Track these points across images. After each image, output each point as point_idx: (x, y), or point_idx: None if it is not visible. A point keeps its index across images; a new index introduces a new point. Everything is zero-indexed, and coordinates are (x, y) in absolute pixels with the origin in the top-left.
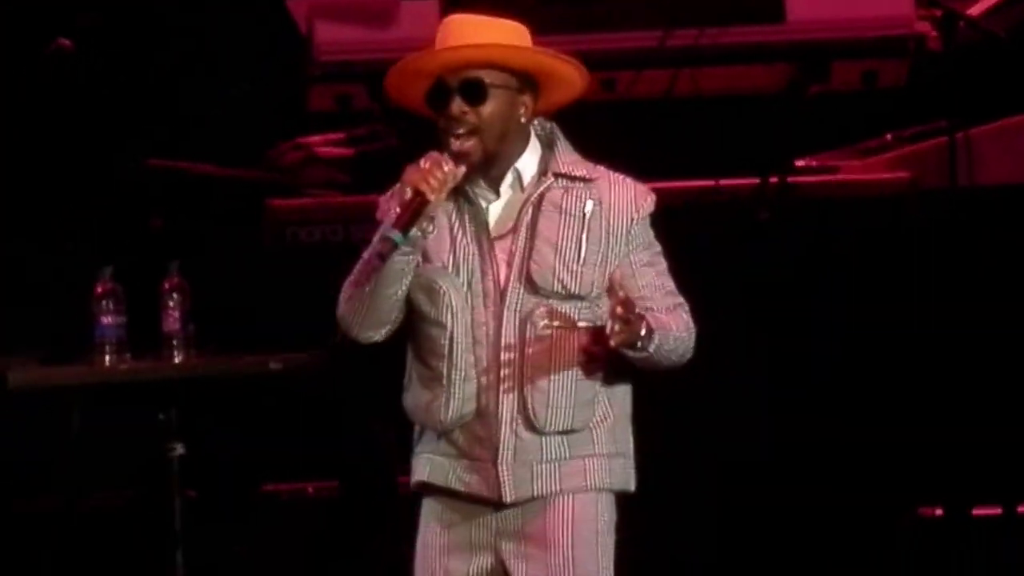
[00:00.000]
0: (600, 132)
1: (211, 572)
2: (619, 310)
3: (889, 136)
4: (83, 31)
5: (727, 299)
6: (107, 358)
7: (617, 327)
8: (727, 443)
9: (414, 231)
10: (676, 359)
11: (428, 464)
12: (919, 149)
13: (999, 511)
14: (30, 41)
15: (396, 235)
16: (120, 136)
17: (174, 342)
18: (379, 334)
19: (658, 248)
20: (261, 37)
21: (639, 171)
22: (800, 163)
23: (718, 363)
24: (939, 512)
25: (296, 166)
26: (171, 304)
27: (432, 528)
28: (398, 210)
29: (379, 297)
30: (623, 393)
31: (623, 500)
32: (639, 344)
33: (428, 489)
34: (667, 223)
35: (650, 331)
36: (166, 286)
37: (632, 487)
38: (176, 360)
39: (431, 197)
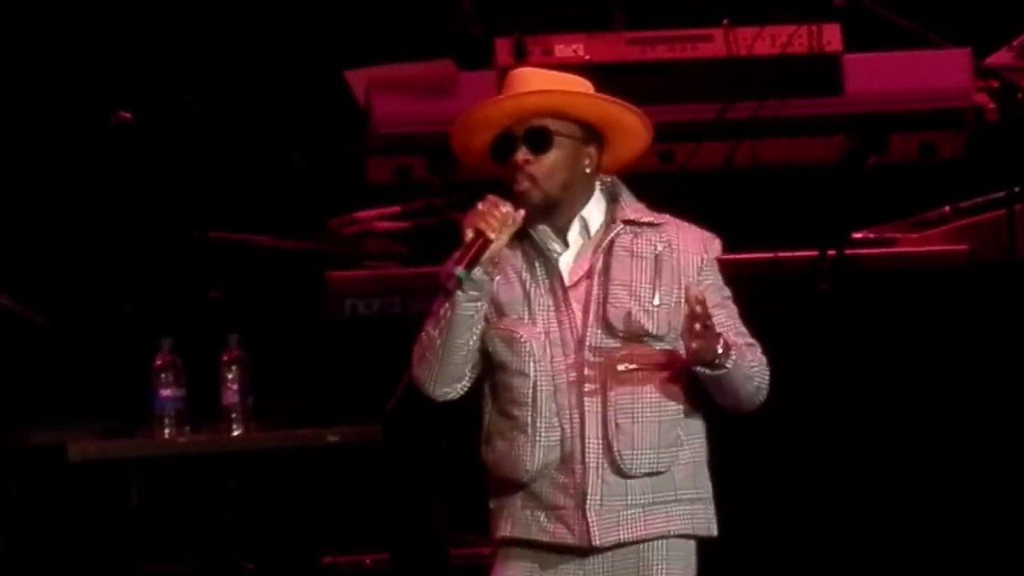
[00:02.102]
0: (659, 204)
1: None
2: (698, 310)
3: (947, 208)
4: (140, 102)
5: (786, 370)
6: (166, 431)
7: (697, 327)
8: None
9: (478, 272)
10: (752, 391)
11: (510, 519)
12: (978, 221)
13: None
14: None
15: (460, 271)
16: (180, 207)
17: (233, 414)
18: (454, 390)
19: (728, 293)
20: (320, 108)
21: None
22: (858, 235)
23: (778, 432)
24: None
25: (354, 239)
26: (230, 376)
27: None
28: (459, 252)
29: (451, 349)
30: (700, 438)
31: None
32: (716, 360)
33: (509, 544)
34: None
35: (727, 347)
36: (225, 358)
37: (714, 532)
38: (235, 432)
39: (491, 236)
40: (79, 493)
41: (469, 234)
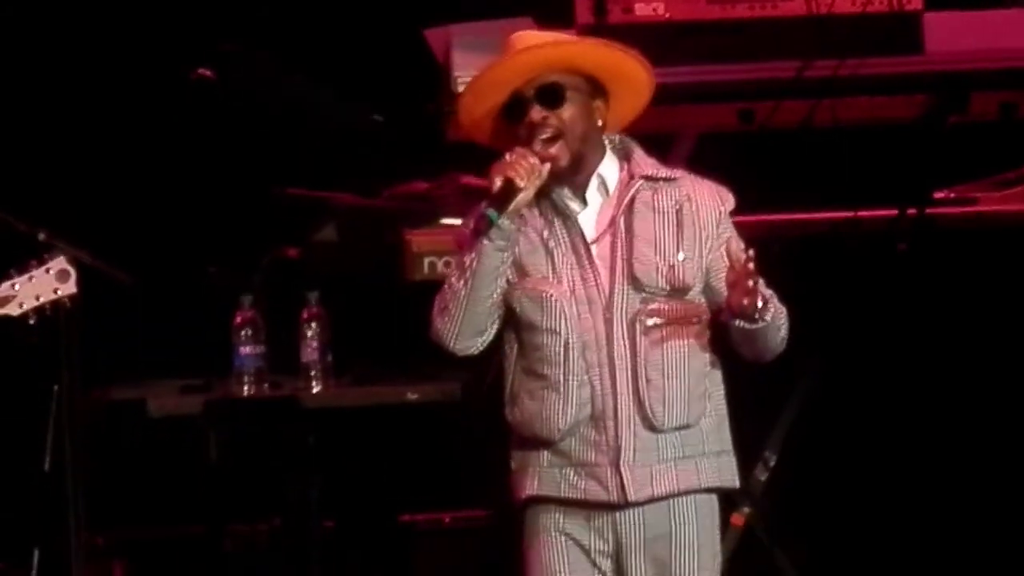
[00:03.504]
0: (739, 163)
1: None
2: (751, 267)
3: None
4: (223, 59)
5: (865, 329)
6: (245, 387)
7: (750, 283)
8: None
9: (507, 222)
10: (780, 342)
11: (536, 477)
12: None
13: None
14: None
15: (491, 211)
16: (261, 165)
17: (312, 372)
18: (475, 344)
19: (743, 243)
20: (401, 67)
21: (778, 202)
22: (939, 195)
23: (856, 391)
24: None
25: (440, 195)
26: (309, 334)
27: (548, 539)
28: (487, 201)
29: (476, 299)
30: (722, 391)
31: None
32: (757, 314)
33: (536, 501)
34: (807, 253)
35: (765, 300)
36: (305, 316)
37: (738, 484)
38: (315, 390)
39: (520, 184)
40: (160, 448)
41: (498, 182)
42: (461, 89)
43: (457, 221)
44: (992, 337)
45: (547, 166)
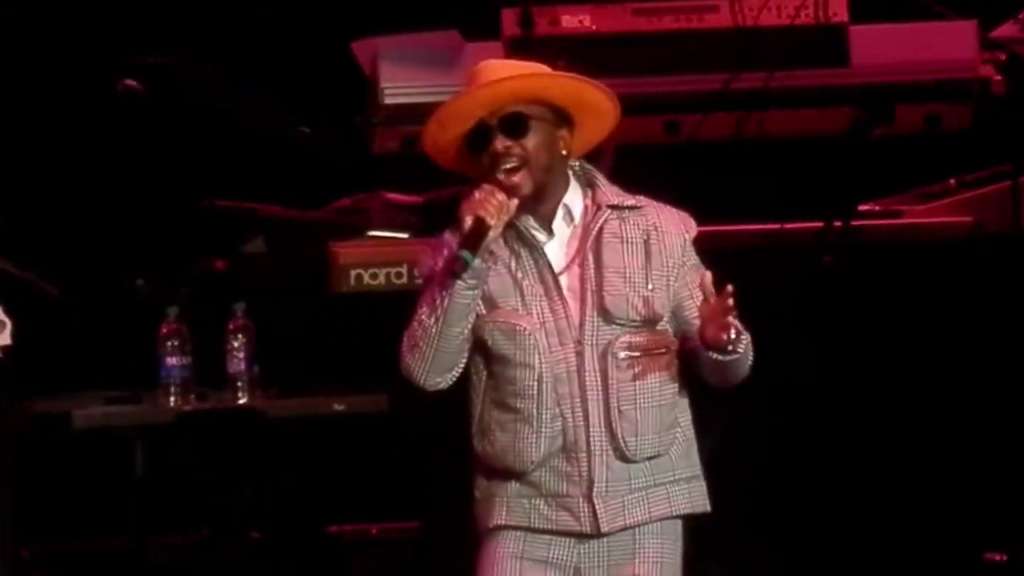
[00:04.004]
0: (665, 175)
1: None
2: (728, 302)
3: (952, 180)
4: (150, 72)
5: (792, 342)
6: (172, 399)
7: (727, 318)
8: (786, 476)
9: (479, 261)
10: (746, 370)
11: (504, 507)
12: (983, 193)
13: None
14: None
15: (466, 254)
16: (188, 176)
17: (239, 383)
18: (445, 380)
19: (705, 269)
20: (325, 80)
21: (703, 214)
22: (864, 207)
23: (781, 404)
24: (1004, 558)
25: (362, 210)
26: (236, 345)
27: (504, 561)
28: (459, 238)
29: (446, 338)
30: (689, 417)
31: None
32: (731, 346)
33: (504, 530)
34: (732, 266)
35: (739, 331)
36: (231, 327)
37: (708, 508)
38: (241, 401)
39: (491, 222)
40: (84, 461)
41: (468, 221)
42: (388, 101)
43: (383, 234)
44: (917, 347)
45: (515, 202)
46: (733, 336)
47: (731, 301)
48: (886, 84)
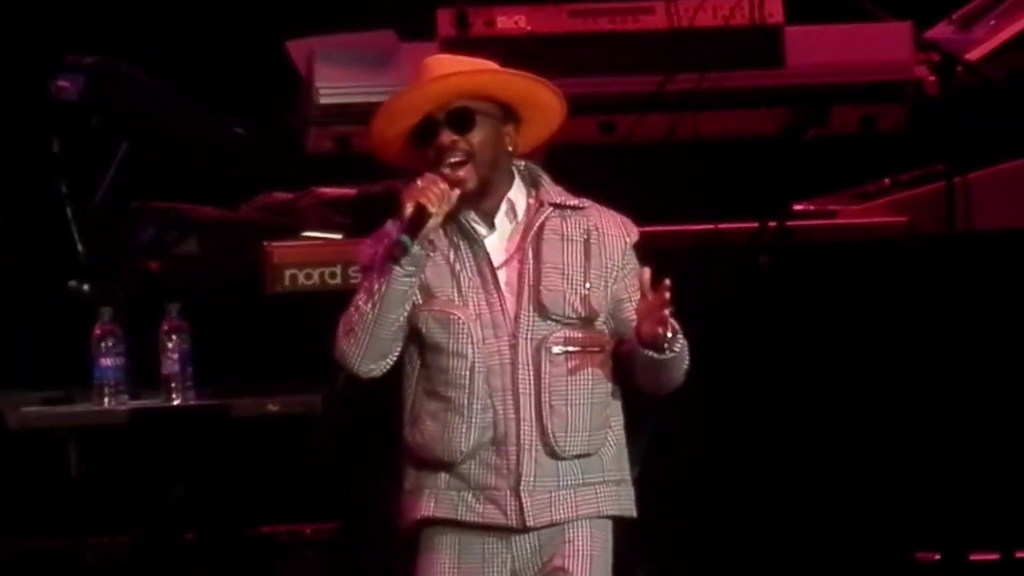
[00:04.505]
0: (600, 175)
1: None
2: (665, 297)
3: (887, 180)
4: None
5: (726, 343)
6: (106, 399)
7: (663, 314)
8: (720, 485)
9: (417, 248)
10: (682, 375)
11: (432, 499)
12: (917, 194)
13: (997, 557)
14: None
15: (405, 238)
16: (120, 178)
17: (172, 384)
18: (379, 367)
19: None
20: (258, 79)
21: (639, 214)
22: (799, 207)
23: (715, 405)
24: (936, 557)
25: (295, 209)
26: (170, 346)
27: (440, 561)
28: (400, 224)
29: (382, 324)
30: (621, 420)
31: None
32: (667, 344)
33: (431, 524)
34: (667, 267)
35: (675, 332)
36: (165, 328)
37: (635, 513)
38: (175, 402)
39: (432, 210)
40: (17, 461)
41: (409, 208)
42: (324, 102)
43: (318, 234)
44: (852, 347)
45: (456, 191)
46: (670, 335)
47: (668, 295)
48: (821, 85)
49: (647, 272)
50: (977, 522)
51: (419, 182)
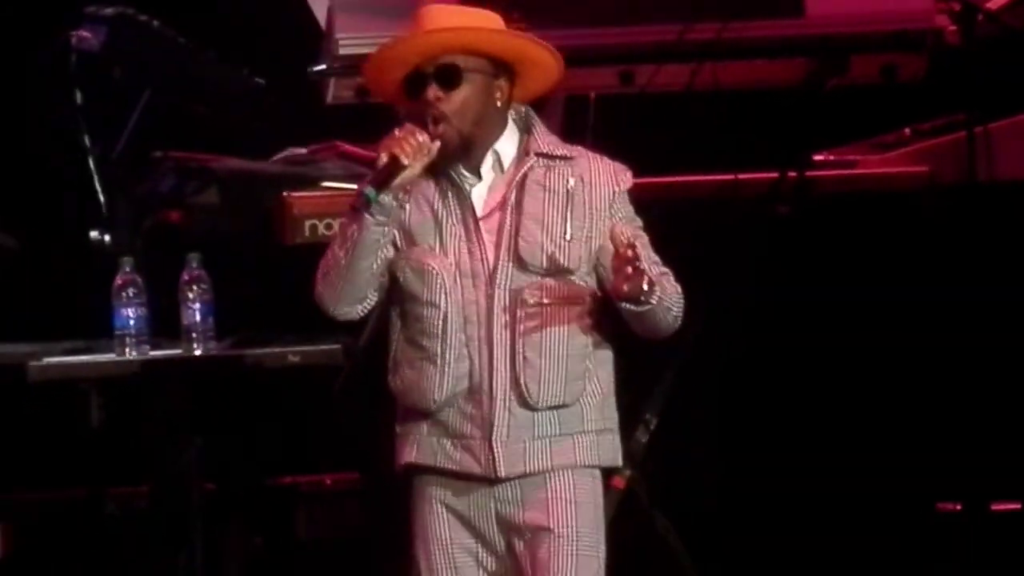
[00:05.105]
0: (619, 125)
1: (229, 564)
2: (629, 253)
3: (907, 130)
4: (100, 21)
5: (744, 293)
6: (127, 350)
7: (629, 270)
8: (740, 436)
9: (388, 197)
10: (671, 320)
11: (415, 445)
12: (938, 143)
13: (1019, 506)
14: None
15: (369, 190)
16: (141, 128)
17: (193, 334)
18: (355, 311)
19: (640, 222)
20: (277, 29)
21: (657, 164)
22: (819, 157)
23: (733, 357)
24: (958, 508)
25: (317, 160)
26: (191, 296)
27: (430, 507)
28: (370, 176)
29: (355, 270)
30: (608, 370)
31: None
32: (642, 297)
33: (417, 470)
34: (686, 217)
35: (651, 284)
36: (186, 278)
37: (619, 463)
38: (195, 352)
39: (405, 161)
40: (39, 412)
41: (383, 158)
42: (343, 52)
43: (338, 185)
44: (871, 298)
45: (437, 143)
46: (645, 287)
47: (632, 253)
48: (841, 35)
49: (620, 227)
50: (998, 472)
51: (396, 132)
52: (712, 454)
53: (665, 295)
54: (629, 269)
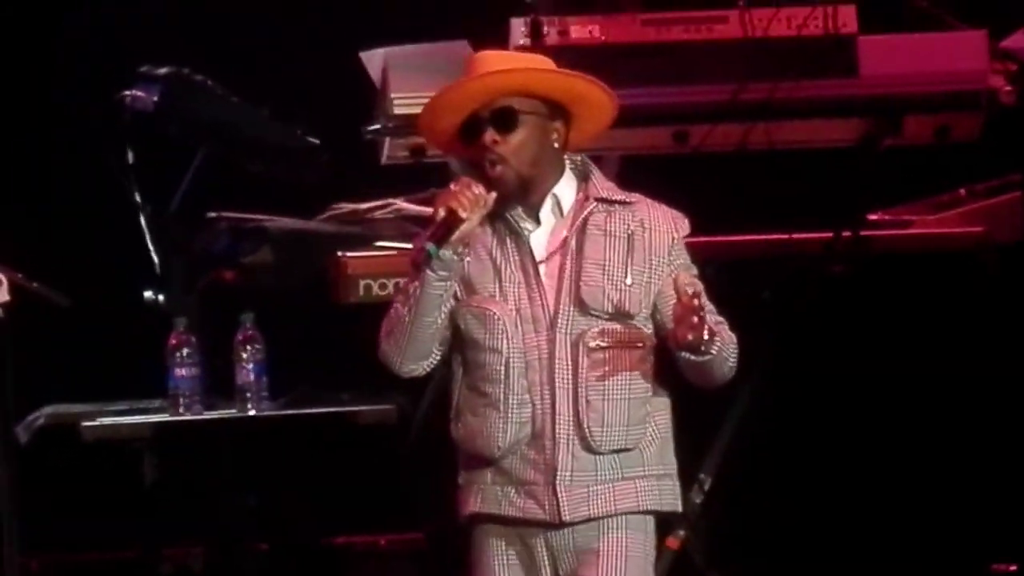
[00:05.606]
0: (673, 185)
1: None
2: (696, 302)
3: (962, 190)
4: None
5: (800, 353)
6: (181, 410)
7: (695, 319)
8: (797, 491)
9: (448, 252)
10: (727, 371)
11: (479, 494)
12: (992, 203)
13: None
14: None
15: (429, 246)
16: (195, 187)
17: (247, 394)
18: (420, 367)
19: (695, 270)
20: (331, 88)
21: (712, 224)
22: (873, 217)
23: (790, 412)
24: (1013, 568)
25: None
26: (244, 356)
27: (494, 555)
28: (429, 230)
29: (419, 326)
30: (666, 415)
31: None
32: (703, 347)
33: (480, 519)
34: (740, 276)
35: (712, 334)
36: (240, 338)
37: (680, 508)
38: (250, 412)
39: (463, 215)
40: (93, 472)
41: (440, 213)
42: (398, 111)
43: (391, 244)
44: (927, 358)
45: (493, 194)
46: (705, 337)
47: (697, 302)
48: (895, 95)
49: (683, 276)
50: None
51: (452, 186)
52: (766, 512)
53: (724, 345)
54: (694, 319)
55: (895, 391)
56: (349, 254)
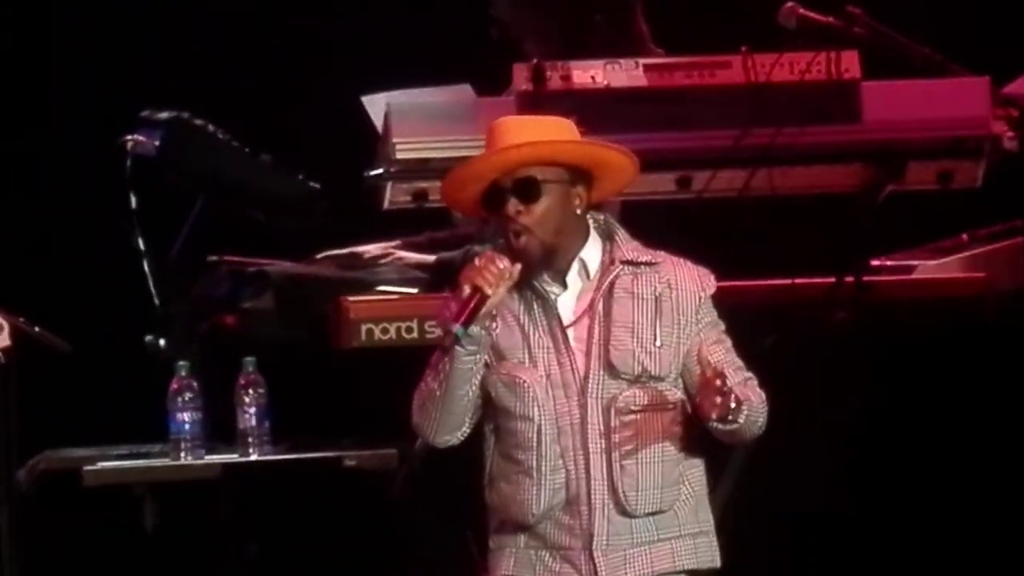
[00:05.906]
0: (675, 230)
1: None
2: (717, 382)
3: (965, 236)
4: (153, 126)
5: (802, 400)
6: (183, 454)
7: (718, 399)
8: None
9: (476, 329)
10: (756, 431)
11: (512, 557)
12: (995, 249)
13: None
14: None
15: (457, 328)
16: (196, 232)
17: (249, 438)
18: (455, 437)
19: (723, 326)
20: (333, 133)
21: (714, 270)
22: (875, 263)
23: (793, 461)
24: None
25: (372, 265)
26: (246, 401)
27: None
28: (456, 307)
29: (450, 400)
30: (700, 473)
31: None
32: (730, 416)
33: None
34: (742, 322)
35: (739, 402)
36: (242, 382)
37: (718, 564)
38: (252, 456)
39: (489, 292)
40: (94, 518)
41: (466, 290)
42: (400, 156)
43: (394, 289)
44: (929, 404)
45: (518, 267)
46: (731, 409)
47: (720, 382)
48: (898, 141)
49: (704, 349)
50: None
51: (476, 261)
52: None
53: (752, 409)
54: (717, 398)
55: (899, 437)
56: (351, 298)
